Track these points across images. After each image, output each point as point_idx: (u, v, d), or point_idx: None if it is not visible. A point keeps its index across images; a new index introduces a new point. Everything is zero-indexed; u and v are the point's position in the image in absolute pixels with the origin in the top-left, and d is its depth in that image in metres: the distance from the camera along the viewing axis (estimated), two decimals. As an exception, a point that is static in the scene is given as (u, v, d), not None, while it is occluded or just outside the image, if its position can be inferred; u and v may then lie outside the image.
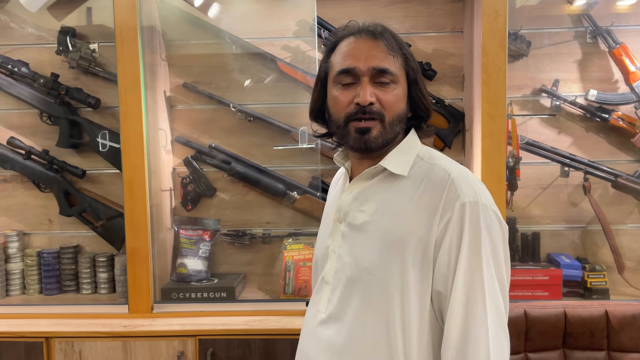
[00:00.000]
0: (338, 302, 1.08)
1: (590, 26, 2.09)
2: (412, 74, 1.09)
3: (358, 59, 1.05)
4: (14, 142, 2.17)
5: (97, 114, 2.21)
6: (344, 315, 1.07)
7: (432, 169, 1.06)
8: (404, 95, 1.08)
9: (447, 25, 2.16)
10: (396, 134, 1.09)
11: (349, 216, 1.11)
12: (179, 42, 2.23)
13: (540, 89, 2.13)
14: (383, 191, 1.08)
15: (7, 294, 2.18)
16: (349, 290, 1.07)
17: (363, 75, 1.05)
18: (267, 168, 2.19)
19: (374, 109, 1.04)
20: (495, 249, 1.01)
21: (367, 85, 1.04)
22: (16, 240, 2.20)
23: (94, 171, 2.24)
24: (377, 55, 1.05)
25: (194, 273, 2.12)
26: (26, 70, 2.15)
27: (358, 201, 1.11)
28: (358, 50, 1.06)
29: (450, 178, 1.02)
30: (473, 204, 1.00)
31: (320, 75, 1.14)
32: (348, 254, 1.09)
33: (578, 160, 2.11)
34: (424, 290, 1.02)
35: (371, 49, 1.05)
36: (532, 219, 2.18)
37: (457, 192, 1.00)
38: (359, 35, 1.08)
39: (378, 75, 1.05)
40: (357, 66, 1.05)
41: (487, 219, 1.00)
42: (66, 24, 2.18)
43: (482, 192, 1.03)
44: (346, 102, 1.06)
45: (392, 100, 1.05)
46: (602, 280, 2.00)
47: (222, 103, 2.18)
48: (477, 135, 1.92)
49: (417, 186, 1.05)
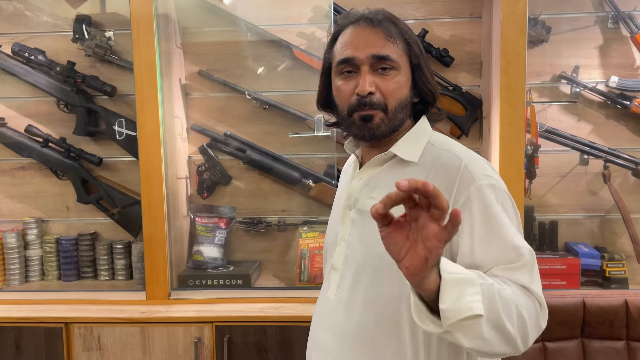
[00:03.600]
0: (348, 288, 1.09)
1: (612, 10, 2.05)
2: (414, 59, 1.07)
3: (357, 47, 1.05)
4: (31, 130, 2.19)
5: (113, 101, 2.22)
6: (353, 301, 1.07)
7: (443, 154, 1.06)
8: (406, 81, 1.07)
9: (465, 10, 2.12)
10: (401, 121, 1.09)
11: (358, 202, 1.11)
12: (194, 29, 2.22)
13: (560, 75, 2.09)
14: (393, 177, 1.08)
15: (27, 280, 2.21)
16: (359, 276, 1.07)
17: (362, 64, 1.04)
18: (282, 156, 2.18)
19: (374, 100, 1.04)
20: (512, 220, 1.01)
21: (366, 74, 1.04)
22: (35, 227, 2.22)
23: (111, 159, 2.26)
24: (376, 42, 1.04)
25: (210, 260, 2.13)
26: (43, 59, 2.16)
27: (368, 187, 1.11)
28: (357, 39, 1.06)
29: (463, 163, 1.02)
30: (488, 185, 1.00)
31: (325, 66, 1.14)
32: (358, 240, 1.09)
33: (598, 148, 2.07)
34: None
35: (370, 36, 1.05)
36: (550, 207, 2.16)
37: (472, 175, 1.00)
38: (357, 24, 1.07)
39: (378, 63, 1.04)
40: (356, 55, 1.05)
41: (502, 198, 1.01)
42: (82, 11, 2.18)
43: (494, 174, 1.04)
44: (348, 92, 1.06)
45: (393, 88, 1.05)
46: (621, 270, 1.97)
47: (237, 91, 2.17)
48: (495, 122, 1.89)
49: (428, 172, 1.04)
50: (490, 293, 0.85)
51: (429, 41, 2.09)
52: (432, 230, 0.75)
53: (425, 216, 0.76)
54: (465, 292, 0.80)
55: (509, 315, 0.88)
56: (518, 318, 0.89)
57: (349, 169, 1.26)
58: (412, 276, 0.79)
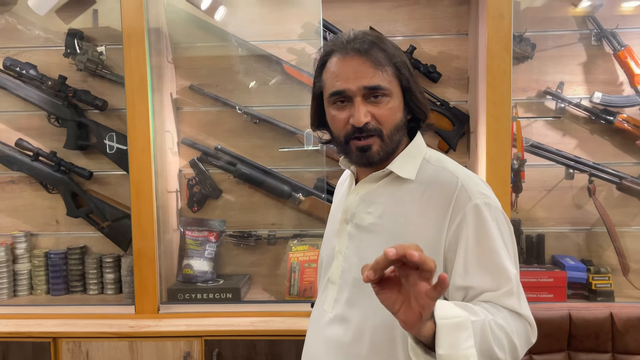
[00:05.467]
0: (345, 302, 1.10)
1: (595, 28, 2.10)
2: (405, 82, 1.08)
3: (347, 79, 1.05)
4: (22, 143, 2.19)
5: (104, 115, 2.23)
6: (350, 315, 1.09)
7: (439, 172, 1.08)
8: (399, 105, 1.09)
9: (452, 28, 2.16)
10: (398, 143, 1.11)
11: (355, 217, 1.13)
12: (186, 44, 2.25)
13: (545, 91, 2.13)
14: (390, 193, 1.10)
15: (15, 294, 2.20)
16: (356, 290, 1.09)
17: (355, 96, 1.05)
18: (272, 170, 2.20)
19: (370, 127, 1.05)
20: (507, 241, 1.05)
21: (360, 105, 1.05)
22: (24, 241, 2.22)
23: (101, 172, 2.26)
24: (366, 72, 1.04)
25: (199, 274, 2.13)
26: (34, 73, 2.17)
27: (365, 203, 1.13)
28: (346, 71, 1.06)
29: (459, 181, 1.05)
30: (484, 205, 1.03)
31: (315, 93, 1.15)
32: (355, 255, 1.11)
33: (583, 162, 2.11)
34: None
35: (359, 66, 1.05)
36: (537, 220, 2.19)
37: (468, 194, 1.03)
38: (345, 53, 1.06)
39: (370, 93, 1.05)
40: (347, 87, 1.05)
41: (498, 218, 1.04)
42: (74, 26, 2.20)
43: (490, 194, 1.07)
44: (343, 121, 1.08)
45: (387, 114, 1.06)
46: (607, 283, 2.00)
47: (228, 105, 2.19)
48: (482, 137, 1.92)
49: (424, 189, 1.07)
50: (482, 329, 0.93)
51: (417, 57, 2.13)
52: (423, 288, 0.80)
53: (415, 274, 0.80)
54: (459, 337, 0.87)
55: (499, 344, 0.95)
56: (509, 344, 0.97)
57: (344, 183, 1.28)
58: (409, 328, 0.86)
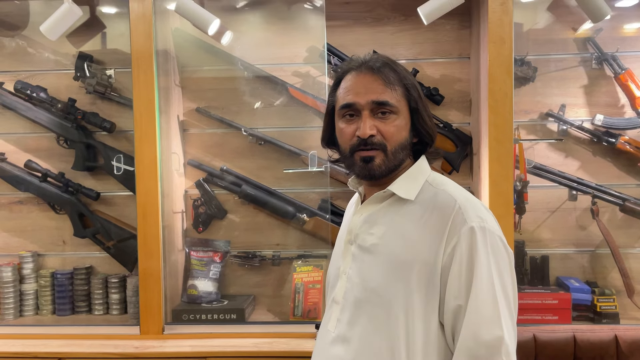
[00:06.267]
0: (347, 322, 1.12)
1: (596, 52, 2.13)
2: (413, 103, 1.13)
3: (358, 94, 1.11)
4: (30, 164, 2.23)
5: (112, 137, 2.26)
6: (351, 335, 1.10)
7: (439, 194, 1.10)
8: (405, 124, 1.13)
9: (454, 51, 2.20)
10: (401, 161, 1.14)
11: (359, 238, 1.16)
12: (192, 67, 2.29)
13: (547, 113, 2.15)
14: (391, 215, 1.13)
15: (21, 314, 2.21)
16: (357, 311, 1.11)
17: (363, 109, 1.10)
18: (276, 190, 2.22)
19: (375, 140, 1.10)
20: (501, 271, 1.03)
21: (367, 118, 1.10)
22: (31, 261, 2.23)
23: (108, 193, 2.29)
24: (376, 89, 1.10)
25: (204, 294, 2.14)
26: (44, 96, 2.21)
27: (368, 224, 1.15)
28: (358, 86, 1.12)
29: (457, 204, 1.06)
30: (480, 228, 1.03)
31: (328, 108, 1.21)
32: (357, 275, 1.13)
33: (585, 184, 2.12)
34: (428, 313, 1.05)
35: (370, 83, 1.11)
36: (541, 242, 2.19)
37: (464, 217, 1.04)
38: (359, 70, 1.14)
39: (378, 108, 1.10)
40: (357, 101, 1.11)
41: (494, 244, 1.04)
42: (84, 50, 2.25)
43: (488, 218, 1.07)
44: (349, 134, 1.13)
45: (393, 131, 1.10)
46: (612, 305, 1.99)
47: (234, 127, 2.22)
48: (484, 159, 1.94)
49: (424, 211, 1.09)
50: None
51: (420, 80, 2.16)
52: None
53: None
54: None
55: None
56: None
57: (352, 204, 1.31)
58: None
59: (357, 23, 2.21)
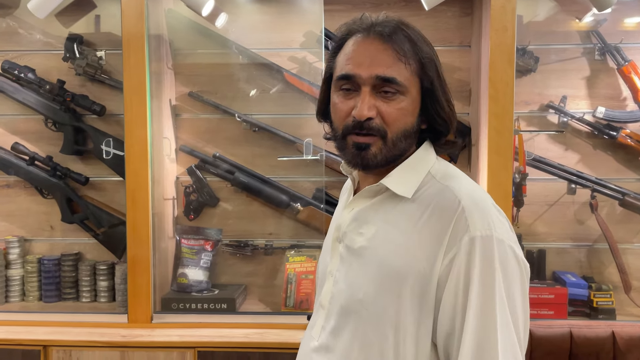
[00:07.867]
0: (330, 332, 0.99)
1: (599, 43, 2.08)
2: (427, 82, 0.94)
3: (361, 64, 0.92)
4: (18, 147, 2.17)
5: (102, 121, 2.21)
6: (334, 347, 0.98)
7: (442, 191, 0.93)
8: (413, 108, 0.94)
9: (455, 39, 2.15)
10: (402, 151, 0.96)
11: (347, 237, 1.01)
12: (186, 51, 2.23)
13: (548, 105, 2.11)
14: (384, 213, 0.97)
15: (7, 301, 2.16)
16: (343, 320, 0.98)
17: (364, 85, 0.92)
18: (270, 179, 2.17)
19: (373, 125, 0.92)
20: (511, 291, 0.87)
21: (366, 96, 0.91)
22: (17, 246, 2.19)
23: (97, 178, 2.24)
24: (384, 61, 0.91)
25: (194, 283, 2.10)
26: (32, 77, 2.15)
27: (357, 222, 1.00)
28: (362, 54, 0.92)
29: (461, 205, 0.89)
30: (485, 238, 0.86)
31: (326, 75, 1.02)
32: (344, 280, 0.99)
33: (585, 177, 2.09)
34: (422, 334, 0.90)
35: (377, 52, 0.92)
36: (538, 236, 2.16)
37: (467, 223, 0.87)
38: (366, 35, 0.93)
39: (381, 85, 0.91)
40: (358, 73, 0.92)
41: (502, 257, 0.87)
42: (74, 31, 2.19)
43: (498, 224, 0.89)
44: (345, 112, 0.94)
45: (396, 115, 0.92)
46: (609, 300, 1.97)
47: (228, 113, 2.17)
48: (483, 150, 1.90)
49: (423, 211, 0.92)
50: None
51: (419, 68, 2.11)
52: None
53: None
54: None
55: None
56: None
57: (345, 191, 1.15)
58: None
59: (356, 8, 2.15)
